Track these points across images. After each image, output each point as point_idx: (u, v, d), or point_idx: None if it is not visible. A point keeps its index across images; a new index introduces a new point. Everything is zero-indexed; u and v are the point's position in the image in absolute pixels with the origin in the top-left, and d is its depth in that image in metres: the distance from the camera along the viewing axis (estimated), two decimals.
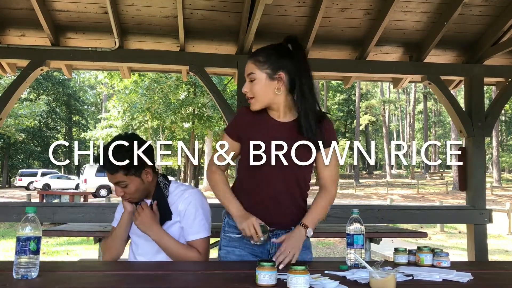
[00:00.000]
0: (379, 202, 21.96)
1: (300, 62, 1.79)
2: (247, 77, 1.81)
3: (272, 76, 1.77)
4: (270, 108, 1.83)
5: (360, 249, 1.72)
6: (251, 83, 1.79)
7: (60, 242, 8.63)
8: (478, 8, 3.73)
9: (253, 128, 1.82)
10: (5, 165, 35.12)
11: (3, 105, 3.65)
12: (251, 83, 1.79)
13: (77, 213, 3.63)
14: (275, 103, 1.81)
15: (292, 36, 1.86)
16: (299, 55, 1.81)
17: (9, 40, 3.68)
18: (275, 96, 1.79)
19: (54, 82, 38.60)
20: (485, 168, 4.11)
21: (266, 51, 1.80)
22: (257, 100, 1.80)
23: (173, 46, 3.83)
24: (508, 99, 4.12)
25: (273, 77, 1.77)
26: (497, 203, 20.17)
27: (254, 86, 1.78)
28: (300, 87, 1.77)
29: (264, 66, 1.77)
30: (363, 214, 2.36)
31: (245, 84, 1.82)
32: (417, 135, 51.86)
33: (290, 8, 3.57)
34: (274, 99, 1.80)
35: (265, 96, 1.79)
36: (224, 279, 1.51)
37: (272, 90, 1.78)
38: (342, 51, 4.04)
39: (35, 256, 1.43)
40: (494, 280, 1.61)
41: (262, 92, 1.78)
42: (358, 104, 39.99)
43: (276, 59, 1.78)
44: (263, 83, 1.77)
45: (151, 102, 18.98)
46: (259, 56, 1.79)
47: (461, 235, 10.36)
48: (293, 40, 1.84)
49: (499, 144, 37.18)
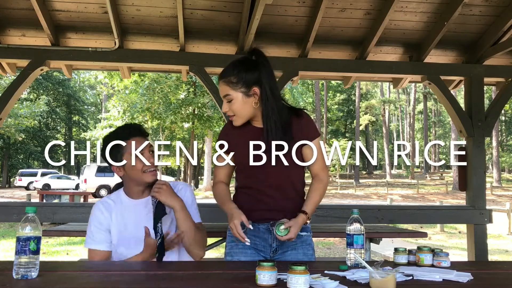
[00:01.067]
0: (379, 202, 21.95)
1: (265, 70, 1.86)
2: (223, 98, 1.89)
3: (248, 93, 1.85)
4: (252, 118, 1.93)
5: (360, 249, 1.72)
6: (229, 103, 1.88)
7: (60, 242, 8.63)
8: (478, 8, 3.73)
9: (238, 137, 1.94)
10: (5, 165, 35.13)
11: (3, 105, 3.65)
12: (229, 103, 1.88)
13: (77, 213, 3.63)
14: (256, 115, 1.91)
15: (252, 48, 1.94)
16: (264, 63, 1.88)
17: (9, 40, 3.68)
18: (254, 109, 1.88)
19: (54, 82, 38.61)
20: (485, 168, 4.11)
21: (236, 71, 1.85)
22: (239, 116, 1.89)
23: (173, 46, 3.83)
24: (508, 99, 4.13)
25: (248, 94, 1.85)
26: (497, 203, 20.16)
27: (232, 105, 1.87)
28: (264, 93, 1.85)
29: (237, 86, 1.84)
30: (363, 214, 2.36)
31: (223, 105, 1.90)
32: (417, 135, 51.85)
33: (290, 8, 3.57)
34: (254, 112, 1.89)
35: (245, 112, 1.88)
36: (224, 279, 1.51)
37: (250, 105, 1.87)
38: (342, 51, 4.04)
39: (35, 256, 1.43)
40: (494, 280, 1.61)
41: (241, 109, 1.87)
42: (358, 104, 39.99)
43: (247, 76, 1.84)
44: (240, 101, 1.86)
45: (151, 102, 18.97)
46: (231, 77, 1.85)
47: (461, 235, 10.36)
48: (255, 51, 1.92)
49: (499, 144, 37.19)
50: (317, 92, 35.09)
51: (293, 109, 1.95)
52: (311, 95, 35.93)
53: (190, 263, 1.88)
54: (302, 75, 4.07)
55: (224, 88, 1.86)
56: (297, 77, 3.92)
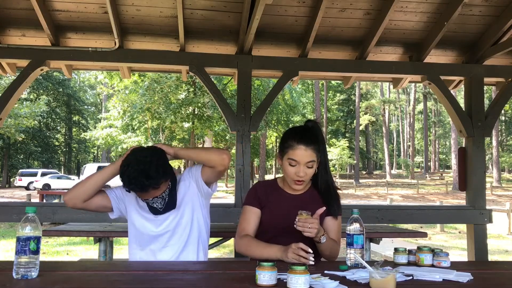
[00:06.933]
0: (379, 202, 21.94)
1: (323, 142, 2.00)
2: (305, 164, 1.91)
3: (318, 161, 1.96)
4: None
5: (360, 249, 1.72)
6: (308, 168, 1.93)
7: (60, 242, 8.63)
8: (478, 8, 3.73)
9: (270, 199, 2.00)
10: (5, 165, 35.11)
11: (3, 105, 3.65)
12: (308, 168, 1.92)
13: (77, 213, 3.63)
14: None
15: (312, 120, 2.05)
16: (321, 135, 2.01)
17: (9, 40, 3.69)
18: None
19: (54, 82, 38.61)
20: (485, 168, 4.11)
21: (317, 139, 1.94)
22: (306, 181, 1.97)
23: (173, 46, 3.83)
24: (508, 99, 4.13)
25: (317, 161, 1.96)
26: (497, 203, 20.16)
27: (310, 170, 1.93)
28: (325, 163, 1.99)
29: (318, 154, 1.94)
30: (363, 214, 2.37)
31: (301, 169, 1.92)
32: (417, 135, 51.88)
33: (290, 8, 3.57)
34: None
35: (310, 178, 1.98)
36: (224, 279, 1.51)
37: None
38: (342, 51, 4.04)
39: (35, 256, 1.43)
40: (494, 280, 1.61)
41: (312, 175, 1.96)
42: (358, 104, 39.98)
43: (320, 145, 1.95)
44: (315, 168, 1.95)
45: (151, 102, 18.94)
46: (317, 145, 1.93)
47: (461, 235, 10.36)
48: (314, 122, 2.04)
49: (499, 144, 37.19)
50: (317, 92, 35.06)
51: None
52: (309, 96, 35.92)
53: (190, 263, 1.88)
54: (302, 75, 4.07)
55: (311, 154, 1.91)
56: (297, 77, 3.92)
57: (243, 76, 3.82)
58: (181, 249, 1.99)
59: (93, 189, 1.97)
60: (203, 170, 2.03)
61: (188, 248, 2.00)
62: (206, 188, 2.05)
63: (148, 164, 1.81)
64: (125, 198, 2.06)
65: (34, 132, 36.11)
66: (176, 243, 1.99)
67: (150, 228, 1.99)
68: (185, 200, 2.02)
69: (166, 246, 1.98)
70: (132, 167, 1.81)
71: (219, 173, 2.03)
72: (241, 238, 1.95)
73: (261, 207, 2.00)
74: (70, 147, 46.81)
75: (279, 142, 2.09)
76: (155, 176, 1.81)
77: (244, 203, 2.05)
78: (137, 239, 2.02)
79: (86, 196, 1.96)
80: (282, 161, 1.97)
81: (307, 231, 1.73)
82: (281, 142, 2.01)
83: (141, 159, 1.82)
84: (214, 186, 2.12)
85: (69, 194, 1.96)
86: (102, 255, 3.69)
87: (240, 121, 3.76)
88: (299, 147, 1.90)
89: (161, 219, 1.99)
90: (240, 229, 1.99)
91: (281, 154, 1.98)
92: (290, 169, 1.93)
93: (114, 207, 2.05)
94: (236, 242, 1.99)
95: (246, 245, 1.92)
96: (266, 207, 1.99)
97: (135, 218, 2.02)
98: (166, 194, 1.94)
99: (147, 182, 1.80)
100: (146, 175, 1.79)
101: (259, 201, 2.00)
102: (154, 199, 1.91)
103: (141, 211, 2.01)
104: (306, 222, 1.73)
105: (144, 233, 2.00)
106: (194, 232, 2.02)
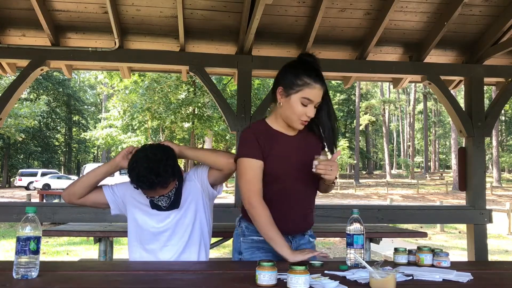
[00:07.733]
0: (379, 202, 21.94)
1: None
2: (316, 103, 1.78)
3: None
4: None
5: (360, 249, 1.72)
6: (314, 108, 1.79)
7: (60, 242, 8.63)
8: (478, 8, 3.73)
9: (270, 143, 1.83)
10: (5, 165, 35.12)
11: (3, 105, 3.65)
12: (314, 108, 1.79)
13: (77, 213, 3.63)
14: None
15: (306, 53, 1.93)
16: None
17: (9, 40, 3.69)
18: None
19: (54, 82, 38.62)
20: (485, 168, 4.11)
21: (322, 74, 1.79)
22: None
23: (173, 46, 3.83)
24: (508, 99, 4.13)
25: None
26: (497, 203, 20.17)
27: (314, 109, 1.79)
28: (329, 104, 1.85)
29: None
30: (363, 214, 2.36)
31: (311, 109, 1.78)
32: (417, 135, 51.87)
33: (290, 8, 3.57)
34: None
35: None
36: (224, 279, 1.51)
37: None
38: (342, 51, 4.04)
39: (35, 256, 1.43)
40: (494, 280, 1.61)
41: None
42: (358, 104, 40.00)
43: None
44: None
45: (151, 102, 18.95)
46: (325, 84, 1.80)
47: (461, 235, 10.36)
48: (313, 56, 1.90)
49: (499, 144, 37.20)
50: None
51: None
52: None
53: (190, 263, 1.88)
54: None
55: (321, 94, 1.77)
56: None
57: (243, 76, 3.82)
58: (181, 249, 1.99)
59: (87, 187, 2.02)
60: (210, 172, 2.03)
61: (189, 249, 2.00)
62: (211, 190, 2.05)
63: (158, 162, 1.81)
64: (125, 194, 2.06)
65: (34, 132, 36.11)
66: (177, 243, 1.98)
67: (151, 224, 1.99)
68: (189, 200, 2.02)
69: (166, 246, 1.98)
70: (141, 164, 1.81)
71: (226, 176, 2.02)
72: (262, 205, 1.75)
73: (263, 158, 1.80)
74: (70, 147, 46.84)
75: (282, 75, 1.82)
76: (165, 175, 1.81)
77: (245, 154, 1.81)
78: (137, 236, 2.02)
79: (81, 193, 2.02)
80: (288, 99, 1.76)
81: (328, 174, 1.69)
82: (288, 77, 1.78)
83: (151, 156, 1.83)
84: (220, 188, 2.11)
85: (65, 190, 2.05)
86: (102, 255, 3.68)
87: (240, 121, 3.76)
88: (316, 86, 1.73)
89: (163, 216, 1.99)
90: (253, 188, 1.76)
91: (288, 91, 1.76)
92: (300, 109, 1.74)
93: (111, 203, 2.07)
94: (250, 202, 1.77)
95: (262, 217, 1.74)
96: (270, 156, 1.80)
97: (137, 213, 2.02)
98: (172, 193, 1.93)
99: (156, 180, 1.80)
100: (156, 173, 1.79)
101: (262, 151, 1.80)
102: (160, 197, 1.91)
103: (143, 207, 2.02)
104: (327, 165, 1.68)
105: (145, 229, 2.00)
106: (196, 233, 2.02)
